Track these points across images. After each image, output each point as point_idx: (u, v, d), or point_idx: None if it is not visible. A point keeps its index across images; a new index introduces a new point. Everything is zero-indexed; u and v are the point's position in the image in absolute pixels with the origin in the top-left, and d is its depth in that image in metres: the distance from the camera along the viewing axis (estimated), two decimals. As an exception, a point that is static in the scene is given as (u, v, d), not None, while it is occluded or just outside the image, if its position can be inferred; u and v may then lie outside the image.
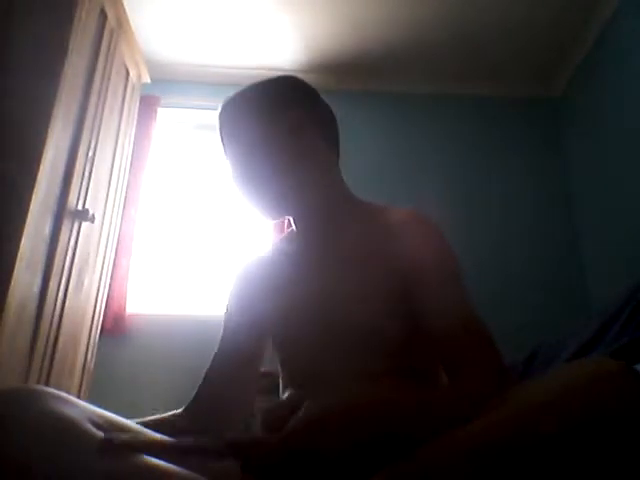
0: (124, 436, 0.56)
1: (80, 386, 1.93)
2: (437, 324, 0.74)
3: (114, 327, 2.62)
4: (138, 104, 2.47)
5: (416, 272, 0.79)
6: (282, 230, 2.79)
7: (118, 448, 0.57)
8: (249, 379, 0.96)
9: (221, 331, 0.98)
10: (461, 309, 0.75)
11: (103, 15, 1.99)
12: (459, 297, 0.76)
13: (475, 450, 0.48)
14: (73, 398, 0.64)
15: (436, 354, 0.76)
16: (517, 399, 0.52)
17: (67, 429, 0.58)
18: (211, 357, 0.96)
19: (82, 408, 0.63)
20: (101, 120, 1.98)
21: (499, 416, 0.50)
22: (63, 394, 0.63)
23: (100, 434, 0.60)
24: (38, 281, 1.59)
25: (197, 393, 0.92)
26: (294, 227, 0.98)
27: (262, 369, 1.01)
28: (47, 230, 1.63)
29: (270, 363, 1.01)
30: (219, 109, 0.96)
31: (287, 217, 0.96)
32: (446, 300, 0.75)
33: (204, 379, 0.94)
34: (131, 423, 0.71)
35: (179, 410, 0.91)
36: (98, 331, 2.10)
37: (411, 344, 0.82)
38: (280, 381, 0.94)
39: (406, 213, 0.86)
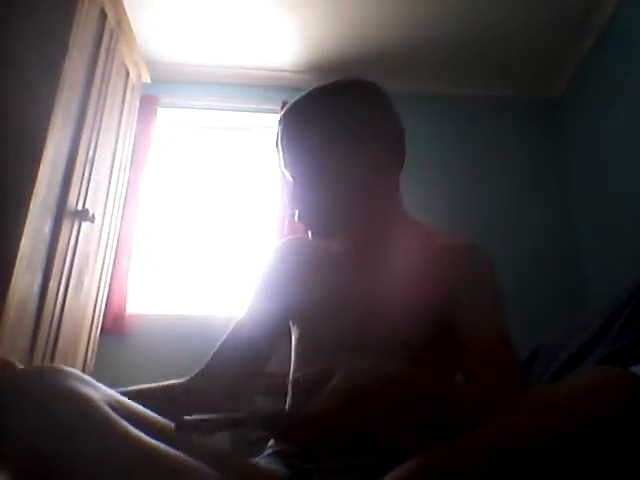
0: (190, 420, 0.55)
1: (80, 386, 1.93)
2: (474, 337, 0.78)
3: (114, 327, 2.62)
4: (138, 104, 2.47)
5: (463, 297, 0.82)
6: (291, 232, 2.78)
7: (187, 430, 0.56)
8: (263, 359, 0.94)
9: (249, 300, 0.95)
10: (499, 326, 0.80)
11: (103, 15, 1.99)
12: (499, 318, 0.82)
13: (499, 449, 0.49)
14: (93, 381, 0.65)
15: (465, 363, 0.81)
16: (537, 403, 0.53)
17: (87, 411, 0.58)
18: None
19: (102, 391, 0.64)
20: (101, 120, 1.98)
21: (521, 417, 0.51)
22: (85, 376, 0.64)
23: (116, 417, 0.60)
24: (38, 281, 1.59)
25: (211, 360, 0.90)
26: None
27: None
28: (47, 230, 1.63)
29: (272, 363, 1.01)
30: (284, 112, 0.89)
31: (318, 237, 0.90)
32: (486, 316, 0.81)
33: (219, 348, 0.91)
34: (142, 408, 0.71)
35: (182, 380, 0.88)
36: (98, 331, 2.10)
37: (440, 359, 0.85)
38: (291, 375, 0.92)
39: (462, 243, 0.89)
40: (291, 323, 0.96)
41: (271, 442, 0.88)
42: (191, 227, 3.04)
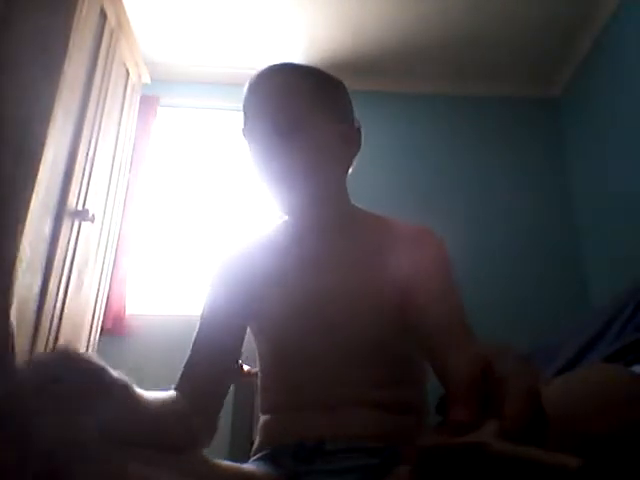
0: None
1: (80, 386, 1.93)
2: (438, 320, 0.76)
3: (114, 327, 2.62)
4: (138, 104, 2.47)
5: (420, 284, 0.81)
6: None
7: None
8: (236, 357, 0.91)
9: (205, 312, 0.92)
10: (458, 303, 0.79)
11: (103, 15, 1.99)
12: (457, 297, 0.80)
13: None
14: None
15: (428, 341, 0.77)
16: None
17: None
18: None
19: None
20: (101, 120, 1.98)
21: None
22: None
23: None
24: (38, 281, 1.59)
25: (191, 364, 0.87)
26: (287, 220, 0.94)
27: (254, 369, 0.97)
28: (47, 230, 1.63)
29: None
30: (261, 75, 0.86)
31: (291, 210, 0.89)
32: (445, 295, 0.79)
33: (195, 351, 0.87)
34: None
35: (171, 392, 0.86)
36: (98, 331, 2.10)
37: (407, 351, 0.84)
38: (260, 379, 0.91)
39: (418, 230, 0.89)
40: (252, 327, 0.93)
41: (256, 445, 0.85)
42: (191, 227, 3.04)
